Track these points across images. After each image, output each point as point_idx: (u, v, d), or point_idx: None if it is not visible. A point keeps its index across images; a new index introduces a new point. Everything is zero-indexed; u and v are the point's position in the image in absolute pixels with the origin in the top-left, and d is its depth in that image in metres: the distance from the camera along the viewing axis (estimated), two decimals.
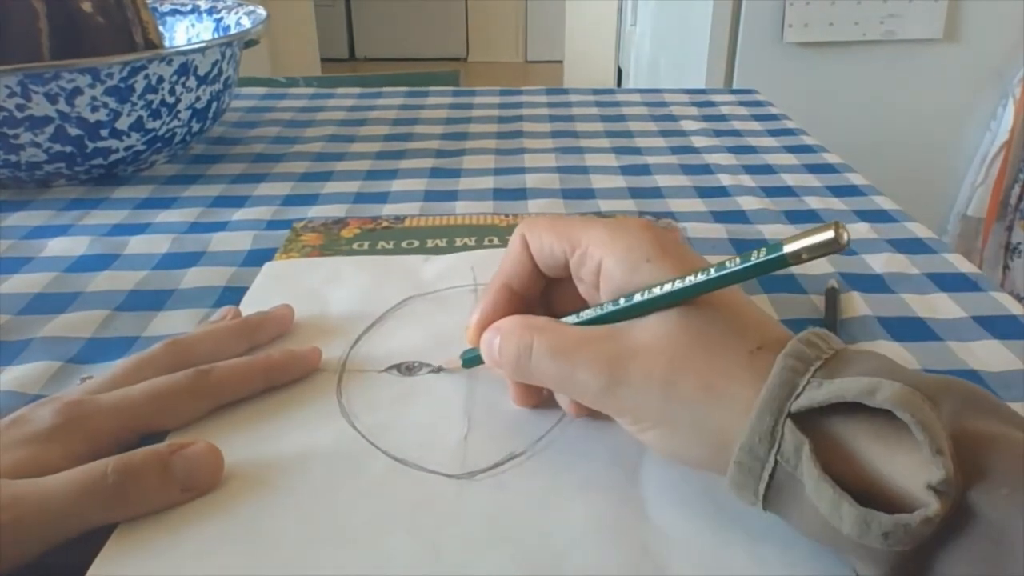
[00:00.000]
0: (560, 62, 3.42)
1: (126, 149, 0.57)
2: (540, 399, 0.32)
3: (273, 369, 0.33)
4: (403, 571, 0.25)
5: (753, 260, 0.24)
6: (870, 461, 0.22)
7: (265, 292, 0.41)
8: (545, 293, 0.33)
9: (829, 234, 0.22)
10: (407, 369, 0.35)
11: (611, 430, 0.31)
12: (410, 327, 0.38)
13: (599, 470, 0.29)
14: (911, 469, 0.21)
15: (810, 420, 0.23)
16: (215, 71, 0.60)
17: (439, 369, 0.35)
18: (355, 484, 0.28)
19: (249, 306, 0.40)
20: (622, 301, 0.27)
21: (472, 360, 0.33)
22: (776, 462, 0.23)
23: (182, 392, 0.30)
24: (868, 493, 0.22)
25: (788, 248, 0.23)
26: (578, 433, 0.31)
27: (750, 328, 0.26)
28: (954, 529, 0.21)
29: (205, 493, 0.27)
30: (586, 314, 0.29)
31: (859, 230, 0.51)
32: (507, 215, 0.51)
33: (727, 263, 0.25)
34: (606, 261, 0.28)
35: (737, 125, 0.74)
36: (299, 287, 0.42)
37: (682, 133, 0.72)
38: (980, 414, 0.22)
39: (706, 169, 0.62)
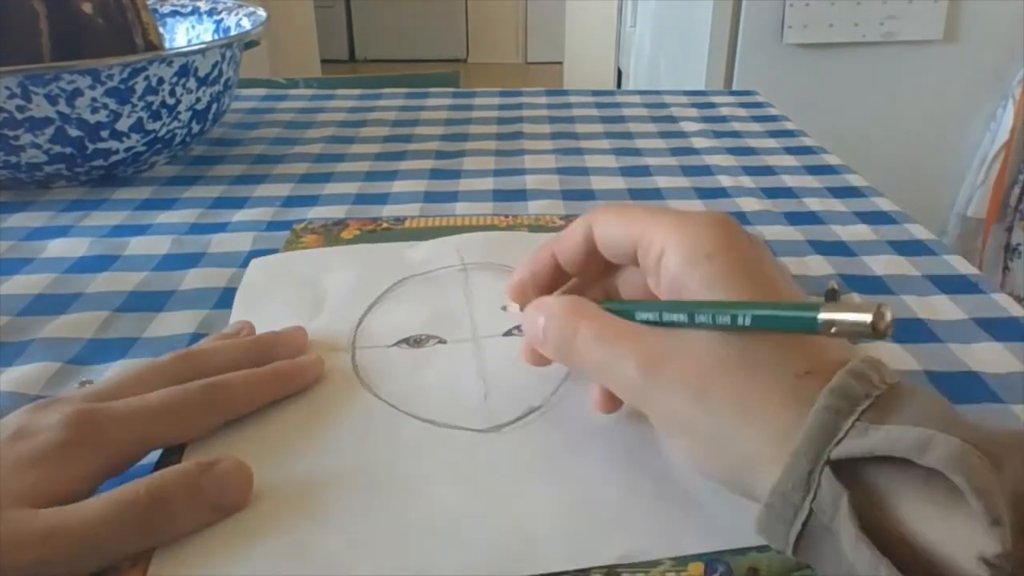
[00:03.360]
0: (560, 63, 3.42)
1: (126, 150, 0.57)
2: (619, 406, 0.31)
3: (281, 380, 0.33)
4: (456, 517, 0.26)
5: (785, 319, 0.23)
6: (916, 523, 0.20)
7: (257, 286, 0.42)
8: (607, 275, 0.32)
9: (867, 316, 0.20)
10: (415, 342, 0.36)
11: None
12: (409, 305, 0.39)
13: (613, 417, 0.31)
14: (962, 538, 0.19)
15: (851, 468, 0.21)
16: (215, 72, 0.60)
17: (443, 341, 0.36)
18: (392, 447, 0.30)
19: (243, 301, 0.40)
20: (649, 316, 0.27)
21: None
22: (811, 511, 0.21)
23: (196, 405, 0.30)
24: (911, 556, 0.20)
25: (822, 318, 0.22)
26: (587, 387, 0.33)
27: (804, 348, 0.24)
28: None
29: (234, 511, 0.26)
30: (620, 305, 0.28)
31: (859, 232, 0.51)
32: (507, 216, 0.51)
33: (763, 311, 0.23)
34: (667, 252, 0.26)
35: (737, 126, 0.74)
36: (292, 277, 0.42)
37: (682, 134, 0.72)
38: None
39: (706, 170, 0.62)
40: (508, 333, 0.36)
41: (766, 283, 0.25)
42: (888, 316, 0.20)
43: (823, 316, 0.22)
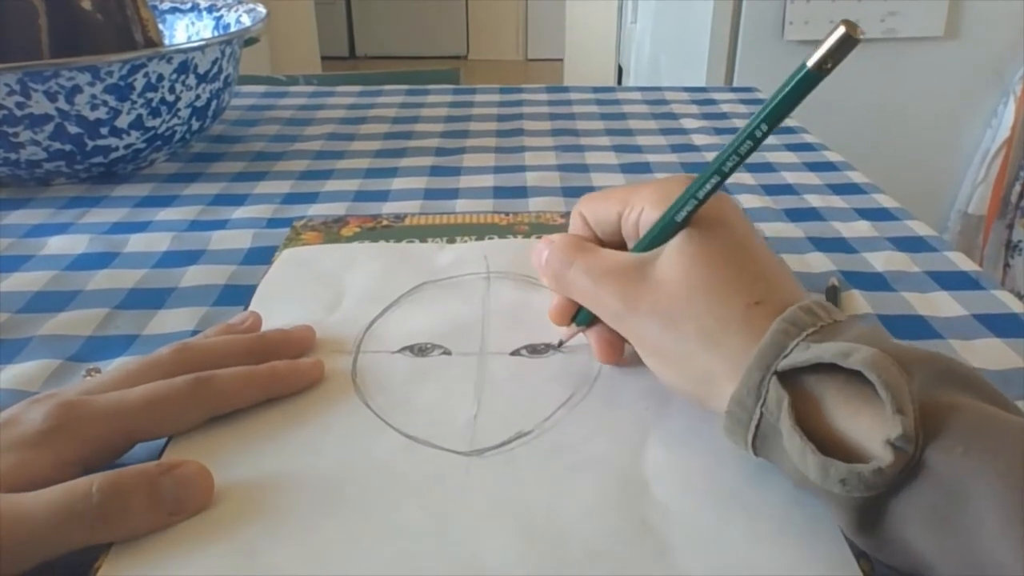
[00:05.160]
0: (560, 60, 3.41)
1: (126, 147, 0.57)
2: (621, 355, 0.34)
3: (275, 382, 0.32)
4: (411, 543, 0.26)
5: (783, 91, 0.25)
6: (838, 417, 0.24)
7: (283, 276, 0.42)
8: None
9: (841, 30, 0.23)
10: (420, 350, 0.36)
11: (615, 413, 0.32)
12: (424, 311, 0.39)
13: (603, 450, 0.30)
14: (873, 426, 0.23)
15: (794, 378, 0.25)
16: (215, 69, 0.60)
17: (448, 352, 0.36)
18: (367, 460, 0.29)
19: (266, 290, 0.41)
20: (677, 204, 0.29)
21: (584, 318, 0.34)
22: (761, 414, 0.25)
23: (180, 399, 0.29)
24: (836, 446, 0.24)
25: (811, 62, 0.24)
26: (584, 415, 0.32)
27: (757, 282, 0.28)
28: (909, 482, 0.22)
29: (191, 516, 0.26)
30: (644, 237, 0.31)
31: (860, 228, 0.51)
32: (507, 213, 0.51)
33: (767, 108, 0.26)
34: (645, 208, 0.31)
35: (737, 123, 0.74)
36: (316, 270, 0.43)
37: (682, 131, 0.72)
38: (954, 388, 0.24)
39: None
40: (515, 352, 0.36)
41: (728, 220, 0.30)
42: (853, 22, 0.23)
43: (810, 62, 0.24)
